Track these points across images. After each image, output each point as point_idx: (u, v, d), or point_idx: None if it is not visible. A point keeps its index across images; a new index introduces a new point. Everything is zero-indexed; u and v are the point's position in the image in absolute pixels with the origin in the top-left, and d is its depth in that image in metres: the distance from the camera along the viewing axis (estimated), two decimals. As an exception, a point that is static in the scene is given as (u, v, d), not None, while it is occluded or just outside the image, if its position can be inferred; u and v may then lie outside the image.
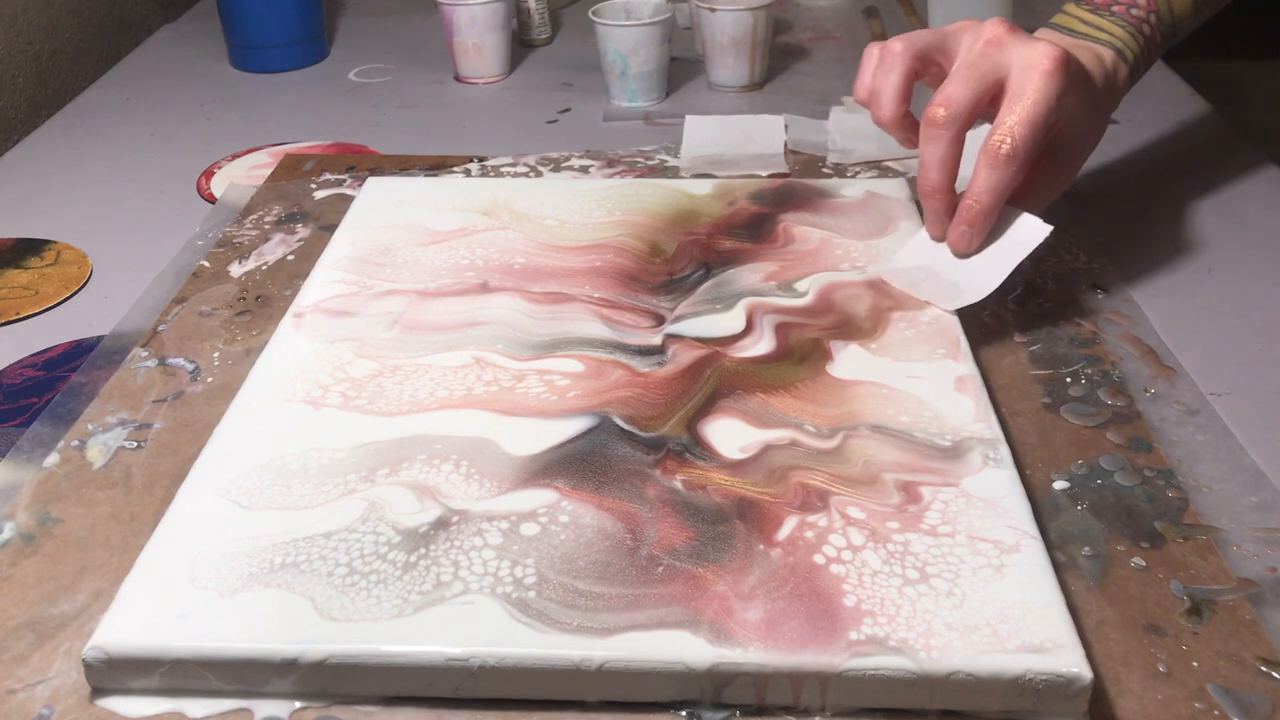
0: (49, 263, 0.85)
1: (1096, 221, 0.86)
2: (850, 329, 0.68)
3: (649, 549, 0.52)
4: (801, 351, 0.66)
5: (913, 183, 0.90)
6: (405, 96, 1.16)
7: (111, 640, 0.48)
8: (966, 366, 0.64)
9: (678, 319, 0.69)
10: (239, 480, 0.57)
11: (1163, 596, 0.53)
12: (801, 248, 0.77)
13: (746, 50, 1.10)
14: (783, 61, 1.20)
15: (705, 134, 1.00)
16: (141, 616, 0.49)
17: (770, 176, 0.92)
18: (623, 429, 0.60)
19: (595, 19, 1.08)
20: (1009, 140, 0.67)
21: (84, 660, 0.48)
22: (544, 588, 0.50)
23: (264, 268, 0.81)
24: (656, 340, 0.68)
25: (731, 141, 0.99)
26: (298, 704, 0.48)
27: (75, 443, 0.64)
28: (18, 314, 0.78)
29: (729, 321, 0.69)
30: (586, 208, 0.83)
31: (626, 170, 0.95)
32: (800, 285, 0.73)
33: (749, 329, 0.68)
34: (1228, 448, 0.62)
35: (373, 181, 0.87)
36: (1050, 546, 0.54)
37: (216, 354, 0.72)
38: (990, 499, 0.55)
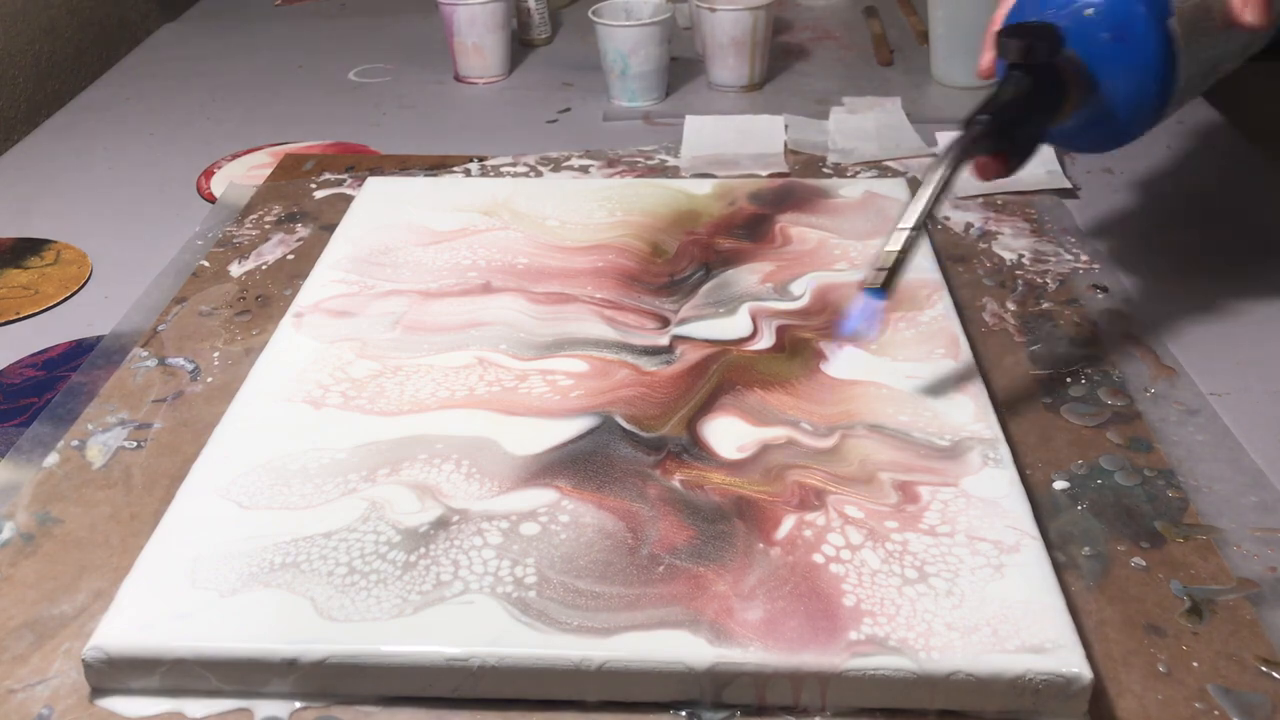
0: (49, 263, 0.85)
1: (1097, 221, 0.86)
2: (848, 329, 0.68)
3: (650, 548, 0.52)
4: (793, 348, 0.66)
5: (912, 183, 0.90)
6: (405, 96, 1.16)
7: (111, 640, 0.48)
8: (966, 366, 0.64)
9: (683, 321, 0.69)
10: (239, 480, 0.57)
11: (1163, 596, 0.53)
12: (799, 248, 0.77)
13: (746, 50, 1.10)
14: (783, 61, 1.20)
15: (705, 134, 1.00)
16: (141, 616, 0.49)
17: (770, 176, 0.92)
18: (625, 429, 0.60)
19: (595, 19, 1.08)
20: None
21: (84, 660, 0.48)
22: (544, 587, 0.50)
23: (264, 267, 0.81)
24: (664, 341, 0.68)
25: (731, 141, 0.99)
26: (298, 704, 0.48)
27: (75, 443, 0.64)
28: (18, 314, 0.78)
29: (735, 325, 0.69)
30: (587, 208, 0.83)
31: (626, 170, 0.95)
32: (795, 286, 0.72)
33: (755, 333, 0.68)
34: (1228, 448, 0.62)
35: (373, 181, 0.87)
36: (1050, 546, 0.54)
37: (216, 354, 0.72)
38: (990, 499, 0.55)
